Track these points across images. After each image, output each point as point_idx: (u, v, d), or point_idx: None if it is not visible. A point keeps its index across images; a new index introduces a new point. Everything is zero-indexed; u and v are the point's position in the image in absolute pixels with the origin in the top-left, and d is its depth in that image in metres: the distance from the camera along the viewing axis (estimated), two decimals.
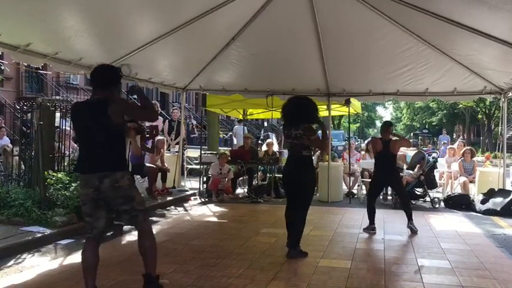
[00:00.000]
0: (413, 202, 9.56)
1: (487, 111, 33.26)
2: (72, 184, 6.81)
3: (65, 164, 7.88)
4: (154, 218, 7.74)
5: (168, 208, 8.75)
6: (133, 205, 3.71)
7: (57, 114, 7.96)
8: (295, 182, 5.29)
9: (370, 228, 6.69)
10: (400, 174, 9.68)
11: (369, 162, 11.07)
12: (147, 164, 9.07)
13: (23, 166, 8.02)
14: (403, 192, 7.29)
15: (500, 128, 10.25)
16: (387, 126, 7.12)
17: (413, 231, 6.64)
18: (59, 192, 6.75)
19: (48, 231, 6.00)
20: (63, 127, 8.12)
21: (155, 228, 6.92)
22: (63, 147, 7.99)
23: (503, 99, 9.30)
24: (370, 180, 7.53)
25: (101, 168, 3.62)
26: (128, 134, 6.86)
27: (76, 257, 5.23)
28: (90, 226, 3.74)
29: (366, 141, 7.37)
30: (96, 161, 3.65)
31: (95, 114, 3.64)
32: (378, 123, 78.40)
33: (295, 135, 5.24)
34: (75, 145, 9.25)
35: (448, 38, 7.14)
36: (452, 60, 7.98)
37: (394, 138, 7.10)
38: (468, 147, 11.13)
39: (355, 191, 10.74)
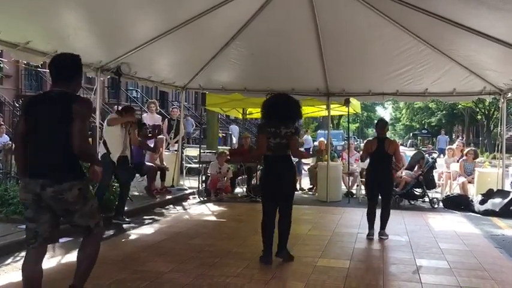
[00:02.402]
0: (412, 202, 9.60)
1: (486, 112, 33.28)
2: None
3: None
4: (153, 217, 7.75)
5: (166, 207, 8.75)
6: (73, 220, 3.28)
7: None
8: (286, 183, 5.05)
9: (371, 234, 6.41)
10: (399, 174, 9.74)
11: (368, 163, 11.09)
12: (146, 163, 9.07)
13: None
14: (389, 196, 6.73)
15: (499, 128, 10.25)
16: (385, 123, 6.83)
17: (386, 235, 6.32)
18: None
19: None
20: None
21: (154, 227, 6.96)
22: None
23: (502, 100, 9.30)
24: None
25: (46, 175, 3.14)
26: (127, 128, 6.90)
27: (74, 256, 5.24)
28: (32, 233, 3.24)
29: (366, 141, 7.20)
30: (42, 164, 3.18)
31: (54, 108, 3.19)
32: None
33: (285, 133, 4.95)
34: None
35: (447, 39, 7.14)
36: (452, 60, 7.98)
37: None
38: (472, 148, 11.16)
39: (354, 191, 10.75)
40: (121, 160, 6.90)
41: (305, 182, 11.92)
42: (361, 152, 12.07)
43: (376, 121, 7.36)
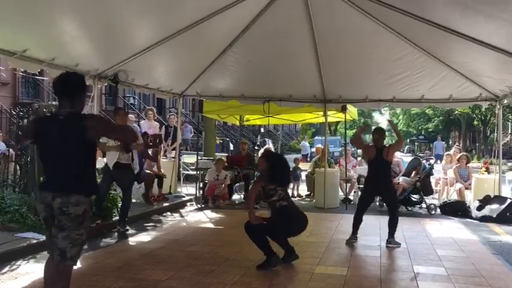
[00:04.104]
0: (410, 209, 9.60)
1: (483, 118, 33.36)
2: None
3: None
4: (150, 224, 7.74)
5: (164, 214, 8.73)
6: (57, 236, 3.24)
7: None
8: None
9: (353, 239, 6.44)
10: (396, 180, 9.76)
11: (365, 169, 11.10)
12: (144, 170, 9.06)
13: (18, 172, 7.98)
14: (394, 204, 6.74)
15: (495, 134, 10.30)
16: (382, 133, 6.82)
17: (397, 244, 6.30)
18: None
19: (43, 238, 5.95)
20: None
21: (151, 235, 6.95)
22: None
23: (498, 106, 9.34)
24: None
25: (57, 188, 3.26)
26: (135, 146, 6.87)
27: None
28: (48, 241, 3.43)
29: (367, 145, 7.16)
30: (54, 179, 3.33)
31: (64, 127, 3.26)
32: None
33: None
34: None
35: (443, 46, 7.17)
36: (448, 67, 8.02)
37: (388, 144, 6.99)
38: (464, 153, 11.16)
39: (351, 197, 10.75)
40: (118, 167, 6.87)
41: (302, 189, 11.92)
42: (358, 159, 12.21)
43: (373, 128, 7.36)
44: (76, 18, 6.09)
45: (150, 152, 9.09)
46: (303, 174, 12.48)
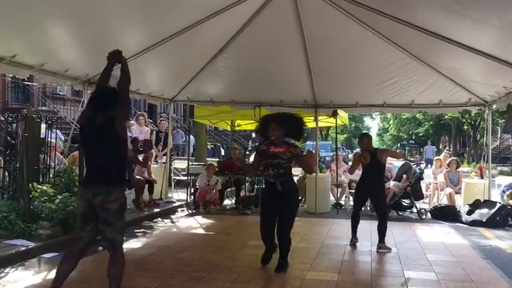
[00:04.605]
0: (400, 213, 9.63)
1: (473, 122, 33.62)
2: (58, 196, 6.73)
3: (50, 176, 7.79)
4: (141, 230, 7.68)
5: (155, 220, 8.68)
6: (108, 230, 3.73)
7: (43, 126, 7.89)
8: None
9: (354, 239, 6.66)
10: (387, 185, 9.79)
11: (357, 174, 11.11)
12: (134, 176, 9.01)
13: (7, 178, 7.91)
14: (384, 208, 6.77)
15: (485, 139, 10.39)
16: (370, 137, 6.98)
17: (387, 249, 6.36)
18: (44, 205, 6.66)
19: (32, 245, 5.91)
20: (49, 138, 8.03)
21: (141, 241, 6.89)
22: (48, 159, 7.90)
23: (487, 111, 9.42)
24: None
25: (97, 185, 3.71)
26: None
27: None
28: (78, 236, 3.89)
29: (354, 152, 7.24)
30: (95, 176, 3.78)
31: (103, 132, 3.76)
32: None
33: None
34: (61, 156, 9.19)
35: (432, 51, 7.23)
36: (438, 72, 8.08)
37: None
38: (453, 158, 11.23)
39: (342, 202, 10.75)
40: None
41: None
42: (349, 163, 12.23)
43: (360, 135, 7.46)
44: (66, 24, 6.04)
45: (140, 158, 9.10)
46: (294, 179, 12.46)
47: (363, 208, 7.29)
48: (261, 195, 5.49)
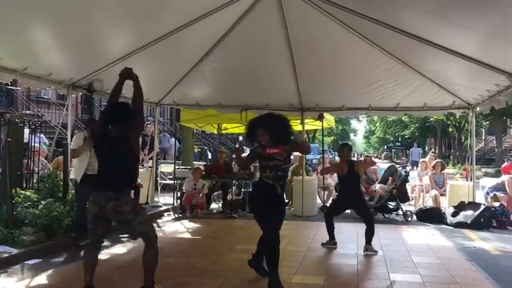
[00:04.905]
0: (386, 216, 9.68)
1: (457, 125, 34.02)
2: (41, 202, 6.65)
3: (34, 181, 7.69)
4: (126, 236, 7.59)
5: None
6: (132, 226, 4.25)
7: (26, 130, 7.79)
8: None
9: (331, 243, 6.73)
10: (373, 188, 9.87)
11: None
12: None
13: None
14: (367, 213, 6.89)
15: (469, 141, 10.51)
16: (350, 148, 7.21)
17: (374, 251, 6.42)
18: (27, 211, 6.58)
19: (15, 251, 5.83)
20: (32, 143, 7.94)
21: (127, 246, 6.83)
22: (32, 163, 7.80)
23: (471, 114, 9.52)
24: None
25: (111, 189, 4.14)
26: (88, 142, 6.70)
27: (44, 278, 5.11)
28: (91, 233, 4.35)
29: (335, 163, 7.38)
30: (106, 183, 4.18)
31: (117, 144, 4.21)
32: (353, 136, 79.53)
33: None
34: (45, 161, 9.08)
35: (416, 55, 7.29)
36: (422, 76, 8.15)
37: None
38: (438, 160, 11.33)
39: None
40: (86, 179, 6.71)
41: None
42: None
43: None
44: (49, 28, 5.99)
45: None
46: None
47: None
48: (255, 199, 5.08)
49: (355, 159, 7.04)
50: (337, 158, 18.42)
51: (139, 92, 4.55)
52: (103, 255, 6.26)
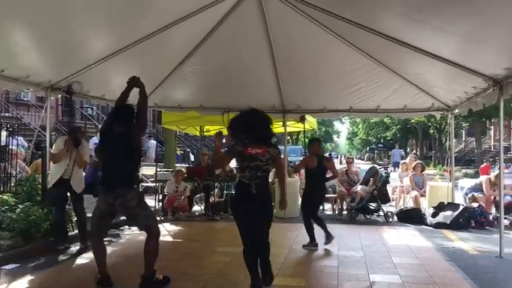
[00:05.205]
0: (368, 217, 9.76)
1: (438, 126, 34.49)
2: (19, 206, 6.54)
3: (12, 184, 7.57)
4: (106, 239, 7.51)
5: (121, 228, 8.51)
6: (137, 220, 4.80)
7: (4, 133, 7.67)
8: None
9: (312, 245, 6.80)
10: (354, 189, 9.95)
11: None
12: None
13: None
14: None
15: (448, 142, 10.68)
16: (321, 142, 7.50)
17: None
18: (5, 215, 6.47)
19: None
20: (10, 146, 7.81)
21: (107, 250, 6.74)
22: (9, 167, 7.67)
23: (450, 116, 9.66)
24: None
25: (116, 189, 4.62)
26: (68, 147, 6.63)
27: (21, 283, 5.02)
28: (97, 228, 4.90)
29: (305, 157, 7.45)
30: (113, 182, 4.64)
31: (121, 145, 4.66)
32: (336, 138, 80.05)
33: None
34: (23, 164, 8.94)
35: (395, 57, 7.36)
36: (402, 78, 8.23)
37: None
38: (419, 162, 11.46)
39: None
40: (60, 183, 6.63)
41: None
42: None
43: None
44: (27, 29, 5.89)
45: None
46: None
47: None
48: (234, 202, 4.95)
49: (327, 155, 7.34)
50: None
51: (145, 98, 5.03)
52: (83, 260, 6.21)
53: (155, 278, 4.80)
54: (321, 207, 10.35)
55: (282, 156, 4.93)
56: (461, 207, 8.88)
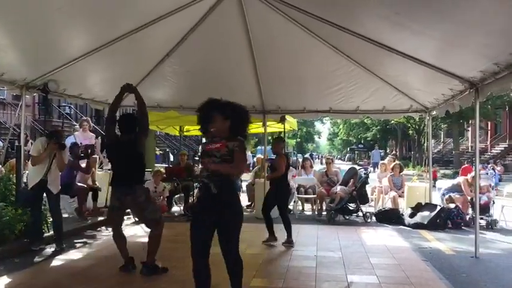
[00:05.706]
0: (347, 217, 9.81)
1: (417, 127, 34.91)
2: None
3: None
4: (82, 240, 7.42)
5: (98, 229, 8.40)
6: (144, 214, 5.44)
7: None
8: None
9: (272, 240, 7.14)
10: (334, 190, 10.00)
11: (305, 179, 11.26)
12: (77, 183, 8.71)
13: None
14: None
15: (426, 143, 10.82)
16: (284, 141, 7.82)
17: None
18: None
19: None
20: None
21: (82, 252, 6.67)
22: None
23: (428, 117, 9.79)
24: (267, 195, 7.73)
25: (126, 187, 5.28)
26: (50, 150, 6.51)
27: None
28: (112, 222, 5.70)
29: (282, 157, 7.39)
30: (123, 179, 5.31)
31: (128, 149, 5.33)
32: (317, 138, 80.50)
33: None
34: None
35: (375, 59, 7.41)
36: (381, 80, 8.29)
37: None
38: (397, 162, 11.57)
39: (291, 207, 10.81)
40: (38, 184, 6.51)
41: (243, 199, 11.88)
42: (299, 168, 12.40)
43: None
44: (0, 26, 5.76)
45: (83, 165, 8.81)
46: (244, 185, 12.48)
47: None
48: (193, 204, 4.91)
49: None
50: (300, 160, 18.54)
51: (143, 104, 5.57)
52: (58, 261, 6.10)
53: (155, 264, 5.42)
54: (300, 208, 10.47)
55: (244, 150, 4.08)
56: (438, 208, 8.99)
